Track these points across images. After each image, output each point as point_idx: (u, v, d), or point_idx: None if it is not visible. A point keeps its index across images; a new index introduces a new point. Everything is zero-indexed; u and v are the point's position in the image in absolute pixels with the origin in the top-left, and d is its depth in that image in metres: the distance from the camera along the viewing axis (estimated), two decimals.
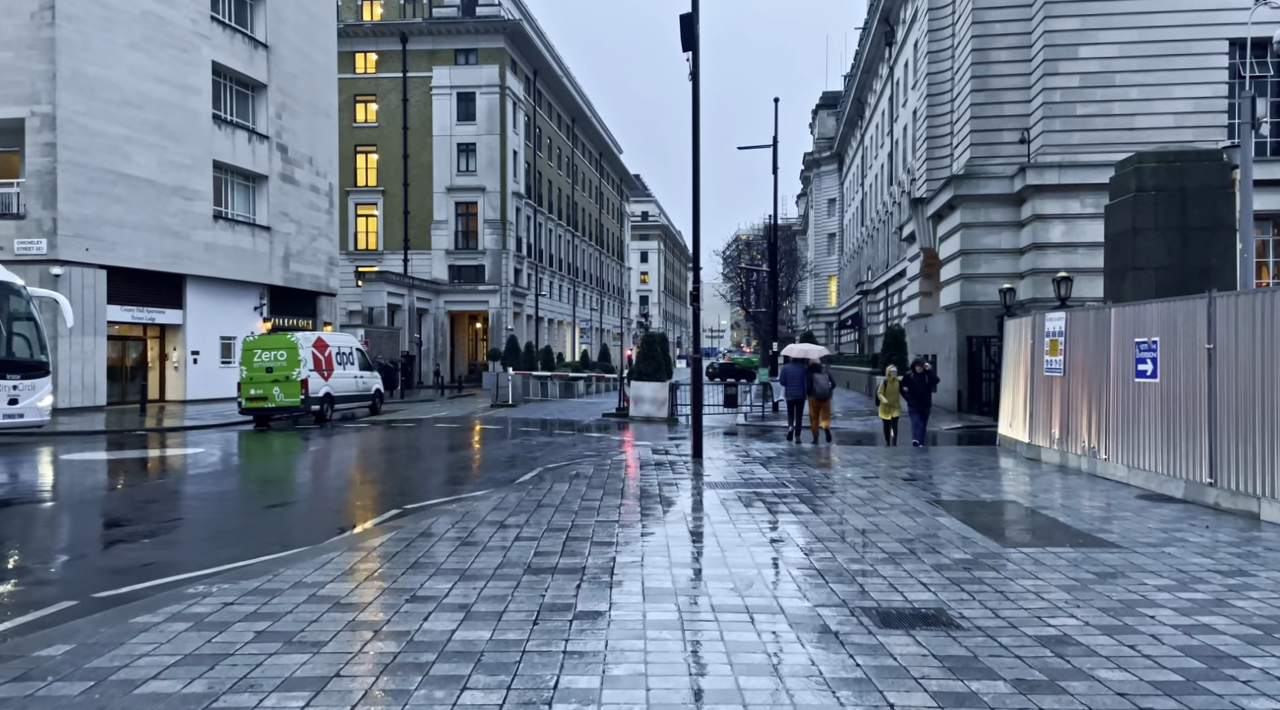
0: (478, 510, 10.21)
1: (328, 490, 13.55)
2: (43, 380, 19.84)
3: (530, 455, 17.22)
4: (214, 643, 5.50)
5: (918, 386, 17.98)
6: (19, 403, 18.79)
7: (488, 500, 10.99)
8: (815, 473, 13.49)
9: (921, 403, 18.00)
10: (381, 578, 7.13)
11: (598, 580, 7.07)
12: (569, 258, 68.86)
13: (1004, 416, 16.82)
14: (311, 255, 37.37)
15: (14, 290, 19.91)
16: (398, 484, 13.92)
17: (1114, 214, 17.66)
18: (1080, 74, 27.38)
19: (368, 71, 53.06)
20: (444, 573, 7.30)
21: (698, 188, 15.28)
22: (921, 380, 18.05)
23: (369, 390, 29.55)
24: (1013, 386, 16.14)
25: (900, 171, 46.30)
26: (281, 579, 7.07)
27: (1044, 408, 14.25)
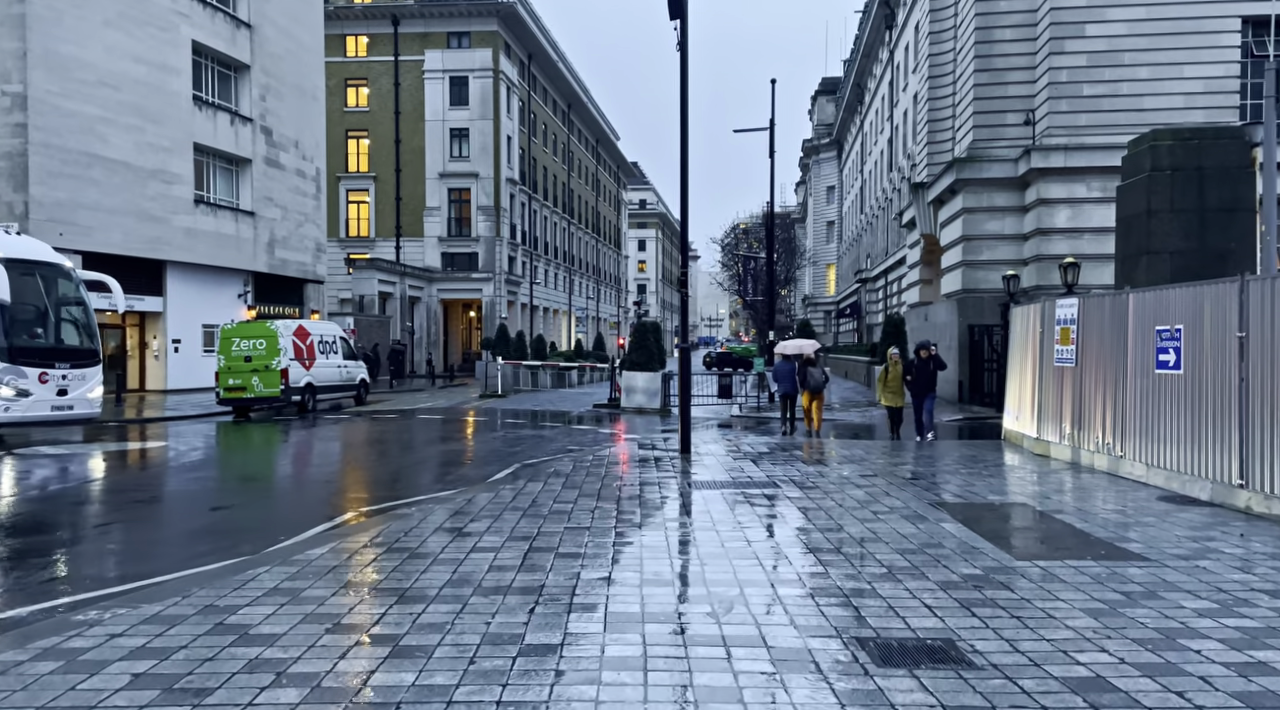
0: (438, 515, 9.27)
1: (286, 490, 12.62)
2: (93, 369, 19.05)
3: (510, 450, 16.28)
4: (76, 691, 4.56)
5: (922, 374, 16.80)
6: (68, 393, 18.06)
7: (452, 502, 10.06)
8: (809, 470, 12.55)
9: (926, 391, 16.79)
10: (305, 601, 6.19)
11: (556, 602, 6.14)
12: (565, 245, 67.81)
13: (1009, 409, 15.88)
14: (298, 241, 36.37)
15: (62, 272, 18.98)
16: (363, 483, 13.00)
17: (1127, 195, 16.68)
18: (1087, 53, 26.33)
19: (359, 55, 51.92)
20: (381, 593, 6.37)
21: (685, 165, 14.29)
22: (926, 366, 16.84)
23: (354, 380, 28.61)
24: (1019, 378, 15.18)
25: (900, 157, 45.25)
26: (190, 602, 6.13)
27: (1054, 401, 13.30)
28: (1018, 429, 15.06)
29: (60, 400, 17.81)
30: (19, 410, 17.08)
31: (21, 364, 17.16)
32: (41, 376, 17.43)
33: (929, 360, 16.88)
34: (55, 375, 17.67)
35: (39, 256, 18.55)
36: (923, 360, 16.89)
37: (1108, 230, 26.43)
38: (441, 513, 9.39)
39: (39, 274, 18.25)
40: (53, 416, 17.91)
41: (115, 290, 20.42)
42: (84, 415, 18.68)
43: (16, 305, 17.43)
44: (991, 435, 17.50)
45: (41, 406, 17.42)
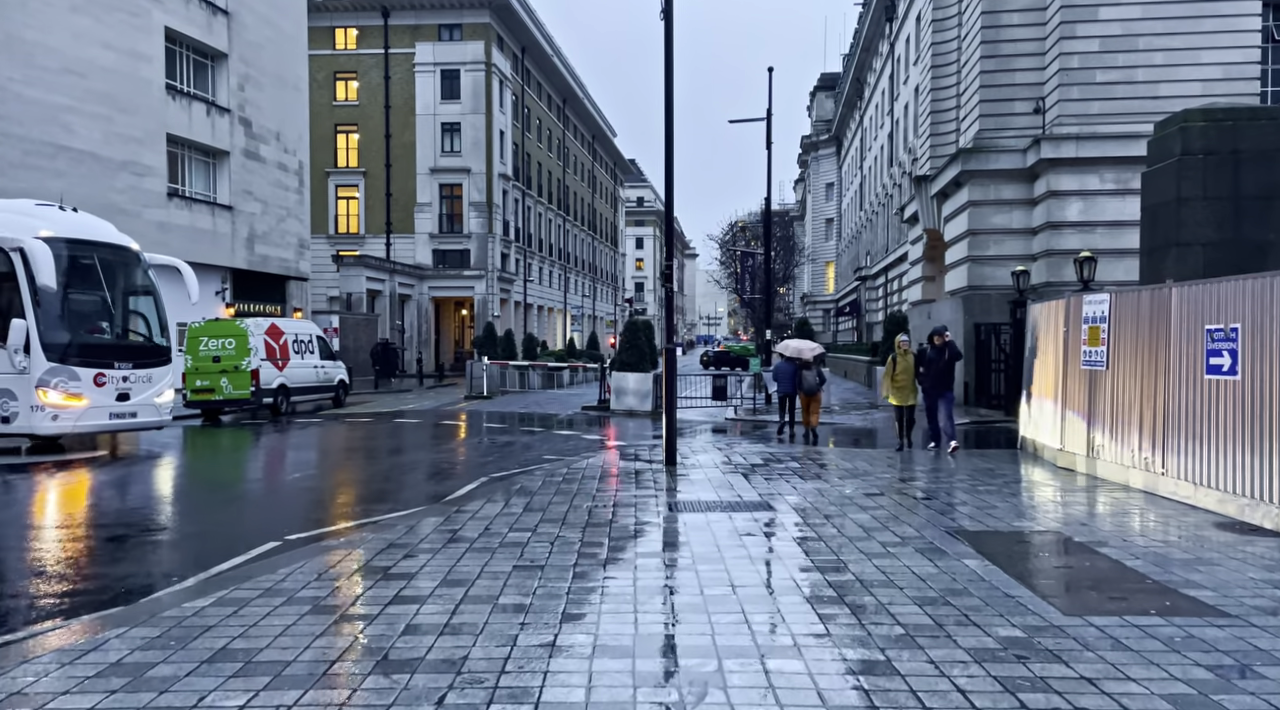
0: (368, 547, 7.80)
1: (220, 509, 11.12)
2: (161, 370, 16.55)
3: (481, 459, 14.80)
4: None
5: (936, 365, 14.33)
6: (131, 397, 15.68)
7: (393, 530, 8.58)
8: (807, 488, 11.06)
9: (942, 387, 14.39)
10: (150, 685, 4.71)
11: (477, 686, 4.66)
12: (560, 243, 66.30)
13: (1026, 416, 14.39)
14: (279, 237, 34.87)
15: (128, 256, 16.67)
16: (306, 500, 11.51)
17: (1153, 182, 15.18)
18: (1100, 38, 24.82)
19: (348, 47, 50.39)
20: (252, 669, 4.88)
21: (670, 144, 12.80)
22: (940, 356, 14.36)
23: (331, 381, 27.13)
24: (1039, 381, 13.69)
25: (901, 152, 43.77)
26: (6, 680, 4.66)
27: (1081, 408, 11.82)
28: (1037, 438, 13.58)
29: (121, 406, 15.51)
30: (70, 419, 14.80)
31: (74, 364, 14.88)
32: (98, 378, 15.10)
33: (944, 348, 14.32)
34: (115, 377, 15.37)
35: (99, 237, 16.16)
36: (937, 349, 14.38)
37: (1122, 224, 25.01)
38: (375, 544, 7.91)
39: (99, 257, 15.87)
40: (112, 425, 15.65)
41: (188, 277, 18.11)
42: (150, 423, 16.37)
43: (72, 294, 15.24)
44: (1004, 442, 16.00)
45: (98, 414, 15.17)
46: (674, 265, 13.18)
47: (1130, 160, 24.71)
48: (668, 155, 12.95)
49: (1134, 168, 24.95)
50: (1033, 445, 13.79)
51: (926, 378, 14.48)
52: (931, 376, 14.42)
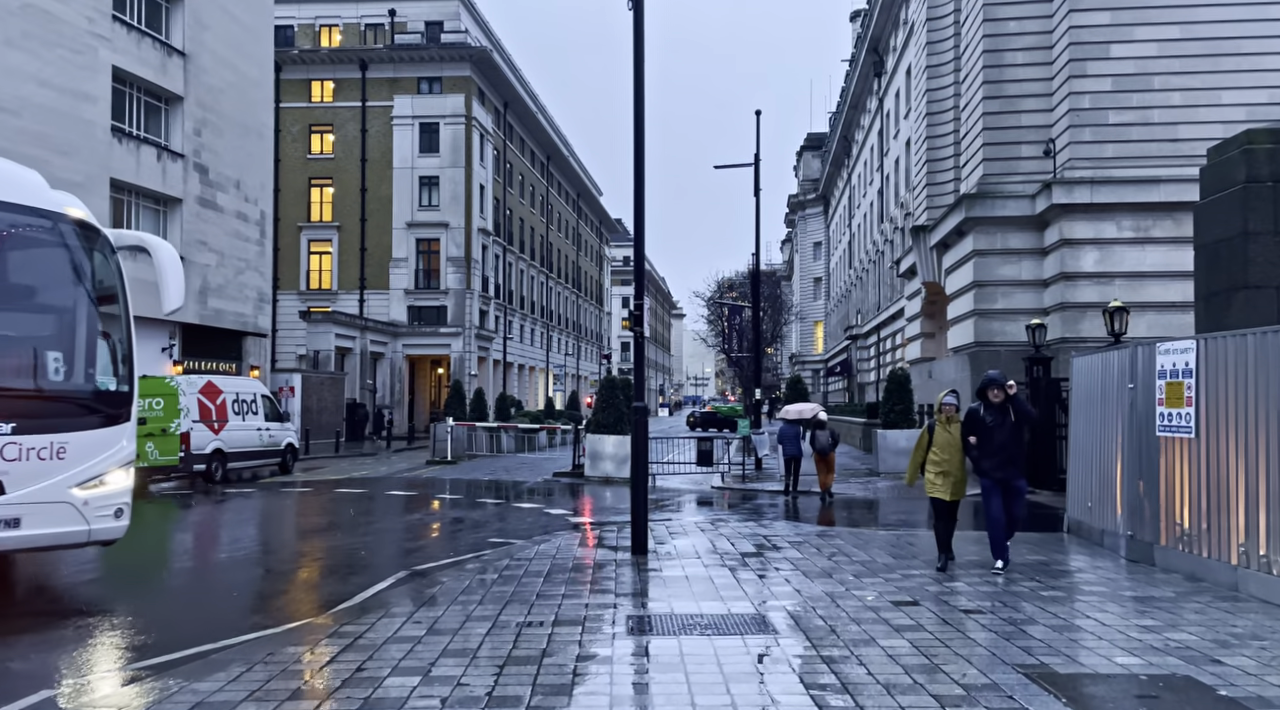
0: (181, 699, 5.10)
1: (38, 629, 8.36)
2: (93, 437, 9.14)
3: (413, 545, 12.08)
4: None
5: (999, 432, 9.20)
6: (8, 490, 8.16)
7: (226, 670, 5.87)
8: (815, 591, 8.39)
9: (1011, 465, 9.31)
10: None
11: None
12: (543, 300, 64.00)
13: (1076, 493, 11.78)
14: (236, 290, 32.34)
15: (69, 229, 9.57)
16: (153, 616, 8.77)
17: (1211, 215, 12.83)
18: (1112, 77, 22.87)
19: (324, 100, 48.56)
20: None
21: (640, 159, 10.42)
22: (1003, 418, 9.25)
23: (278, 445, 24.35)
24: (1091, 451, 11.13)
25: (892, 206, 41.85)
26: None
27: (1159, 485, 9.24)
28: (1092, 521, 10.95)
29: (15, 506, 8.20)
30: None
31: None
32: None
33: (1007, 406, 9.30)
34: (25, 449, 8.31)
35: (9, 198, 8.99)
36: (996, 409, 9.29)
37: (1143, 275, 22.78)
38: (204, 687, 5.20)
39: None
40: None
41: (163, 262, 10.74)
42: (49, 538, 8.68)
43: None
44: (1044, 523, 13.35)
45: None
46: (644, 306, 10.69)
47: (1149, 206, 22.62)
48: (638, 178, 10.57)
49: (1153, 215, 22.86)
50: (1087, 530, 11.16)
51: (986, 452, 9.31)
52: (994, 451, 9.23)
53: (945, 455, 9.53)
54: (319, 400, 37.37)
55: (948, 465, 9.51)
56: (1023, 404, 9.54)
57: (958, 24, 29.62)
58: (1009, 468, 9.38)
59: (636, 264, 10.79)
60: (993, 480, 9.38)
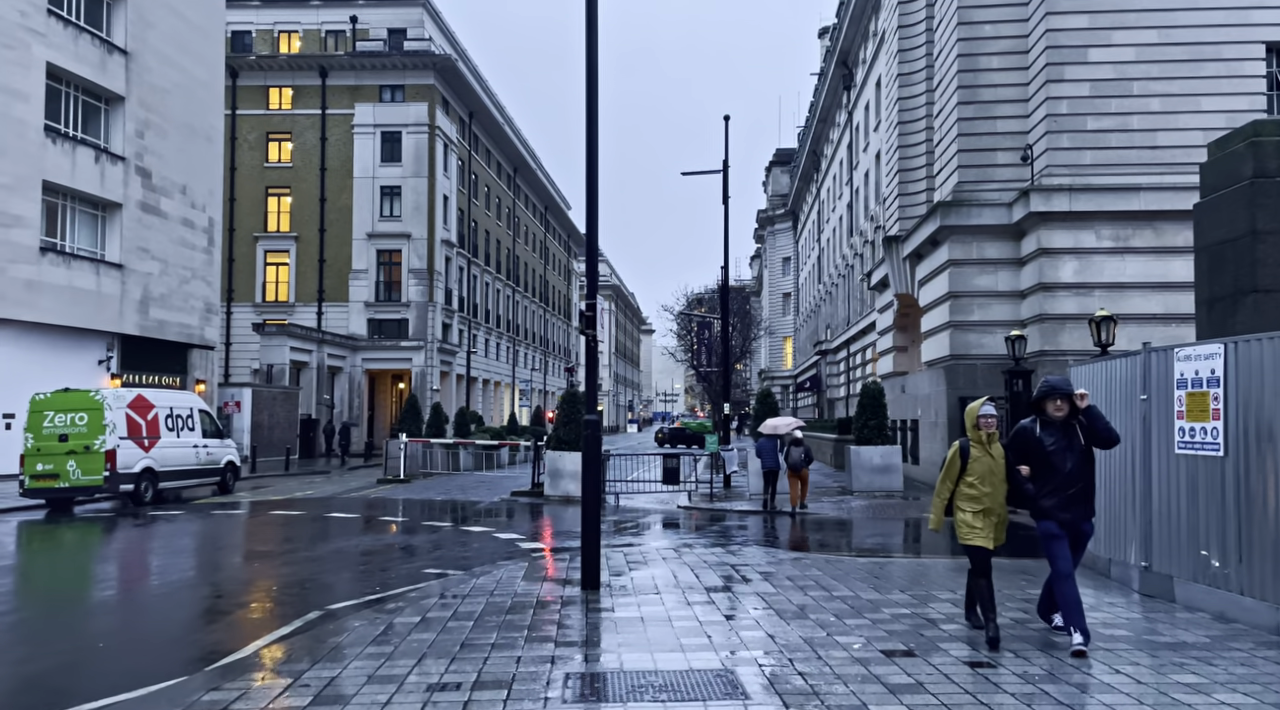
0: None
1: None
2: None
3: (338, 576, 10.65)
4: None
5: (1066, 459, 6.77)
6: None
7: None
8: (792, 637, 7.12)
9: (1081, 502, 6.82)
10: None
11: None
12: (509, 314, 62.50)
13: None
14: (181, 300, 30.63)
15: None
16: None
17: (1213, 215, 11.84)
18: (1090, 81, 22.04)
19: (283, 107, 46.95)
20: None
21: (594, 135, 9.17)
22: (1069, 439, 6.80)
23: (216, 463, 22.72)
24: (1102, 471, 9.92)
25: (862, 220, 41.02)
26: None
27: (1180, 510, 8.08)
28: (1098, 551, 9.76)
29: None
30: None
31: None
32: None
33: (1073, 421, 6.84)
34: None
35: None
36: (1059, 426, 6.83)
37: (1123, 286, 21.88)
38: None
39: None
40: None
41: None
42: None
43: None
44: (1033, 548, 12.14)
45: None
46: (597, 307, 9.40)
47: (1129, 215, 21.76)
48: (590, 171, 9.32)
49: (1133, 224, 22.01)
50: (1091, 558, 9.98)
51: (1047, 487, 6.77)
52: (1060, 484, 6.72)
53: (986, 488, 6.79)
54: (271, 416, 35.66)
55: (989, 501, 6.81)
56: (1100, 420, 6.78)
57: (930, 30, 28.82)
58: (1078, 505, 6.74)
59: (589, 261, 9.52)
60: (1057, 522, 6.72)
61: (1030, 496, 6.88)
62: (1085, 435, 6.81)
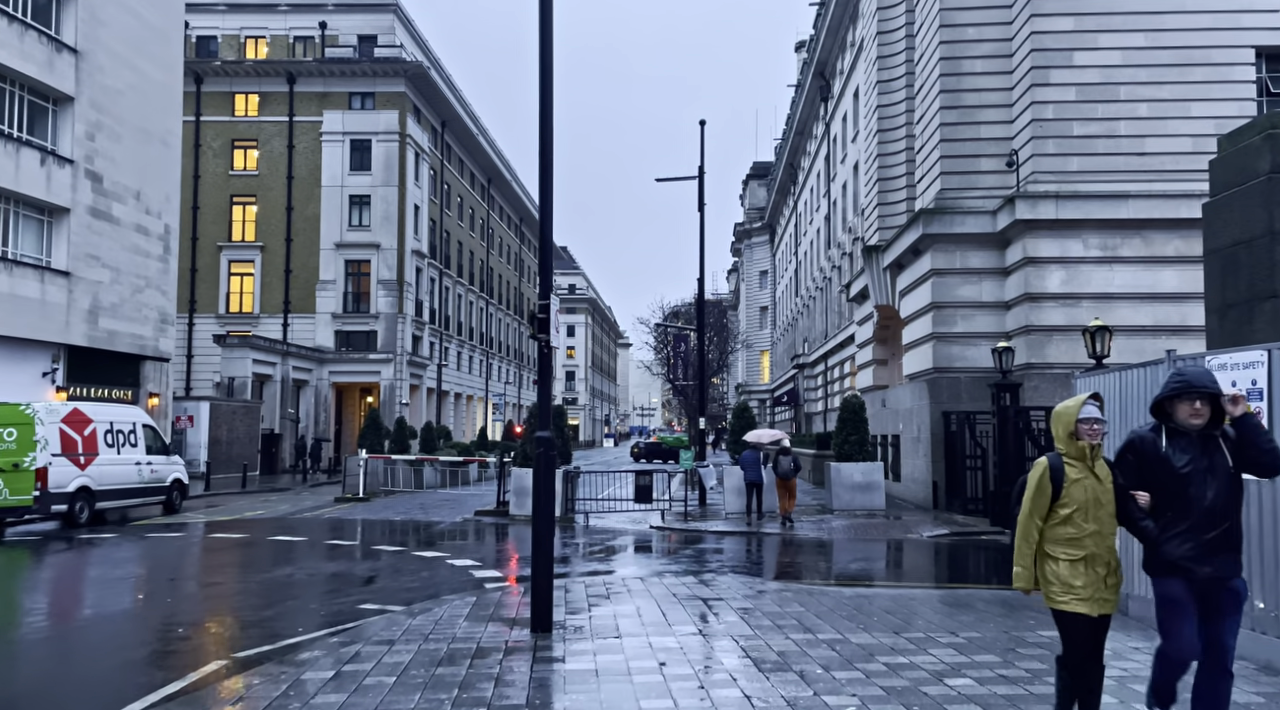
0: None
1: None
2: None
3: (260, 614, 9.39)
4: None
5: (1207, 485, 4.65)
6: None
7: None
8: (777, 701, 5.98)
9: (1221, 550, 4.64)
10: None
11: None
12: (482, 327, 61.17)
13: None
14: (134, 310, 29.17)
15: None
16: None
17: (1226, 215, 10.87)
18: (1076, 85, 21.25)
19: (249, 114, 45.58)
20: None
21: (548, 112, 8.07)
22: (1210, 454, 4.69)
23: (161, 481, 21.31)
24: None
25: (840, 232, 40.19)
26: None
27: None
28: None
29: None
30: None
31: None
32: None
33: (1212, 431, 4.75)
34: None
35: None
36: (1198, 440, 4.72)
37: (1111, 297, 21.00)
38: None
39: None
40: None
41: None
42: None
43: None
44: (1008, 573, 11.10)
45: None
46: (551, 308, 8.27)
47: (1117, 224, 20.92)
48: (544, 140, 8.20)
49: (1121, 232, 21.17)
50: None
51: (1177, 523, 4.70)
52: (1198, 521, 4.65)
53: (1090, 525, 4.64)
54: (230, 431, 34.18)
55: (1094, 544, 4.65)
56: (1261, 435, 4.65)
57: (910, 36, 28.04)
58: (1222, 554, 4.62)
59: (543, 257, 8.39)
60: (1184, 579, 4.62)
61: (1150, 538, 4.72)
62: (1234, 454, 4.67)
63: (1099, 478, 4.72)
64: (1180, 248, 20.54)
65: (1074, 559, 4.66)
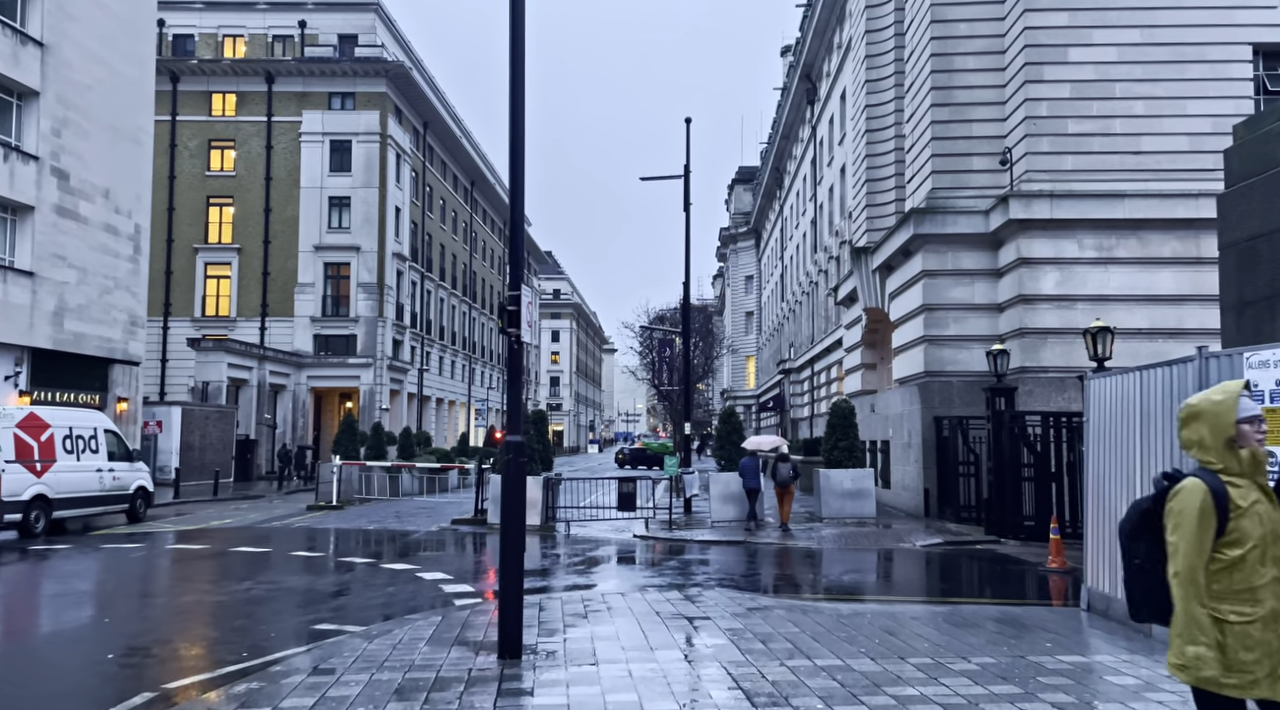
0: None
1: None
2: None
3: (202, 635, 8.56)
4: None
5: None
6: None
7: None
8: None
9: None
10: None
11: None
12: (465, 331, 60.26)
13: (1099, 560, 8.85)
14: (102, 312, 28.17)
15: None
16: None
17: (1244, 206, 10.22)
18: (1071, 82, 20.68)
19: (226, 114, 44.60)
20: None
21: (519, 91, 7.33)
22: None
23: (124, 489, 20.35)
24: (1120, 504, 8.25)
25: (826, 236, 39.61)
26: None
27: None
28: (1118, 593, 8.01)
29: None
30: None
31: None
32: None
33: None
34: None
35: None
36: None
37: (1107, 299, 20.38)
38: None
39: None
40: None
41: None
42: None
43: None
44: (1017, 582, 10.41)
45: None
46: (523, 301, 7.50)
47: (1113, 224, 20.33)
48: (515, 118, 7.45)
49: (1117, 232, 20.59)
50: (1120, 611, 8.22)
51: None
52: None
53: (1271, 571, 3.28)
54: (203, 437, 33.17)
55: (1276, 597, 3.28)
56: None
57: (899, 34, 27.46)
58: None
59: (513, 244, 7.64)
60: None
61: None
62: None
63: (1272, 501, 3.35)
64: (1177, 249, 19.99)
65: (1248, 620, 3.23)
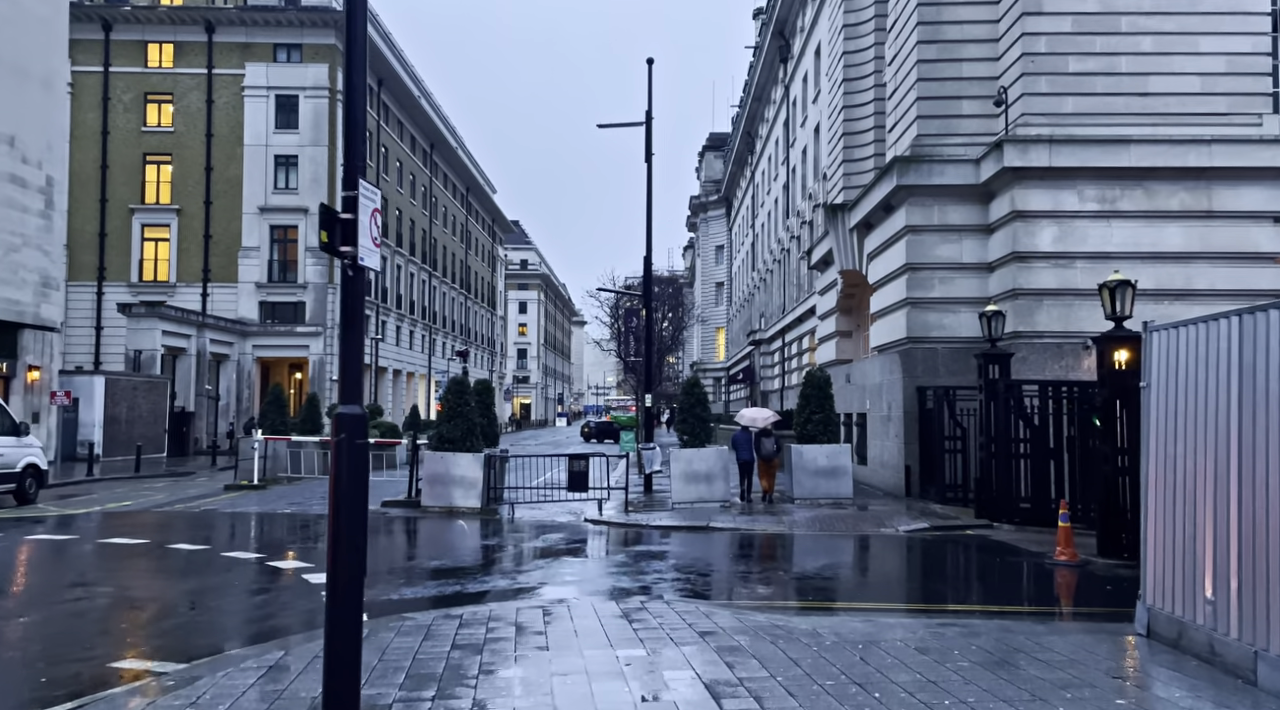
0: None
1: None
2: None
3: (26, 649, 6.22)
4: None
5: None
6: None
7: None
8: None
9: None
10: None
11: None
12: (425, 300, 57.47)
13: (1164, 570, 6.64)
14: (8, 272, 25.34)
15: None
16: None
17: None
18: (1072, 15, 18.43)
19: (163, 65, 41.30)
20: None
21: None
22: None
23: (10, 467, 17.79)
24: (1221, 504, 6.04)
25: (799, 200, 37.36)
26: None
27: None
28: (1216, 630, 5.83)
29: None
30: None
31: None
32: None
33: None
34: None
35: None
36: None
37: (1109, 256, 18.29)
38: None
39: None
40: None
41: None
42: None
43: None
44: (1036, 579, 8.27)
45: None
46: (359, 202, 5.15)
47: (1117, 172, 18.15)
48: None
49: (1121, 182, 18.44)
50: (1192, 640, 6.02)
51: None
52: None
53: None
54: (131, 409, 30.49)
55: None
56: None
57: None
58: None
59: (349, 111, 5.27)
60: None
61: None
62: None
63: None
64: (1186, 201, 17.91)
65: None
